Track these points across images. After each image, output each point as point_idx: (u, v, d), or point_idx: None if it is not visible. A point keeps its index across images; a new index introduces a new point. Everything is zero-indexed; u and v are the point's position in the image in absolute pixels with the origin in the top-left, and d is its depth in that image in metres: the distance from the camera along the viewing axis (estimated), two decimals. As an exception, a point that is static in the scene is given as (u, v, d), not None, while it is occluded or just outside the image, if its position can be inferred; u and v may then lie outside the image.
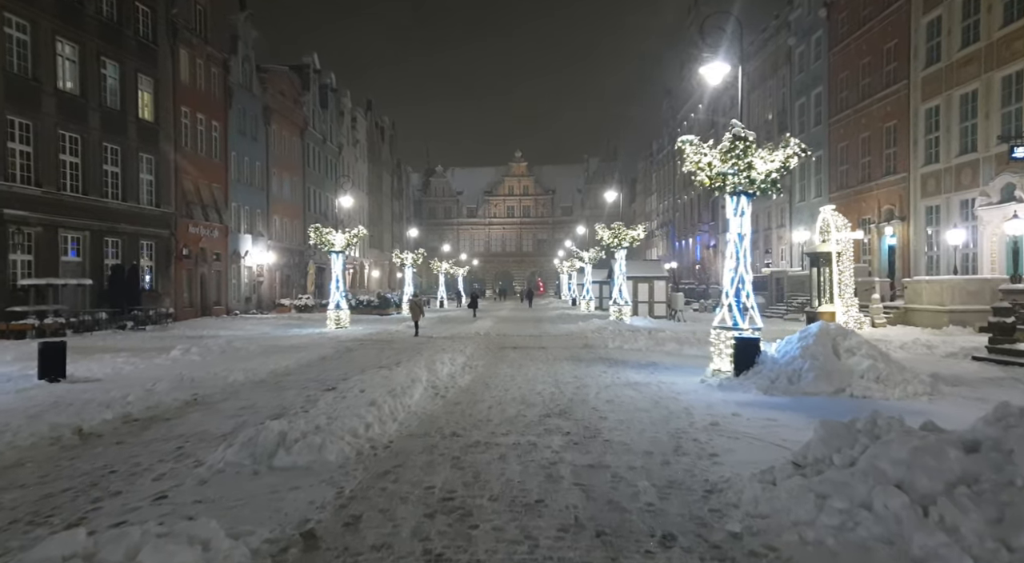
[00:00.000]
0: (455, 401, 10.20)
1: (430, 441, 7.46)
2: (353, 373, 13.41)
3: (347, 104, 67.12)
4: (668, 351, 17.82)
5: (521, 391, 11.11)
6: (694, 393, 10.86)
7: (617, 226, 29.20)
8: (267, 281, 46.81)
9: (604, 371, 13.76)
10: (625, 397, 10.46)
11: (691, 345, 18.76)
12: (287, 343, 21.81)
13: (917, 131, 29.98)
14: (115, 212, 29.76)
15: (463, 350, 17.42)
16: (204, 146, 38.19)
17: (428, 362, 14.34)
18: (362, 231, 29.43)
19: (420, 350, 17.84)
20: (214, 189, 39.20)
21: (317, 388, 11.65)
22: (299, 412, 8.92)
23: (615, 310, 29.51)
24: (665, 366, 14.65)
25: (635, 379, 12.55)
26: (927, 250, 29.67)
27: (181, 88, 35.41)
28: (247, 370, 13.60)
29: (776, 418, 8.67)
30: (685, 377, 12.80)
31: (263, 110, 45.84)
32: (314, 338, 23.85)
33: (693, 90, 65.46)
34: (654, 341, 19.69)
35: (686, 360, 15.89)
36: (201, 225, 37.32)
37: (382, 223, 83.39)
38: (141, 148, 31.91)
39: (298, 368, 14.69)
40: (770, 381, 10.96)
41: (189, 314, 35.82)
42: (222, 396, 10.83)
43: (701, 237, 63.65)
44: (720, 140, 12.62)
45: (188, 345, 17.92)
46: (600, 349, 18.61)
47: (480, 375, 13.18)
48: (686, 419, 8.66)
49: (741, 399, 10.20)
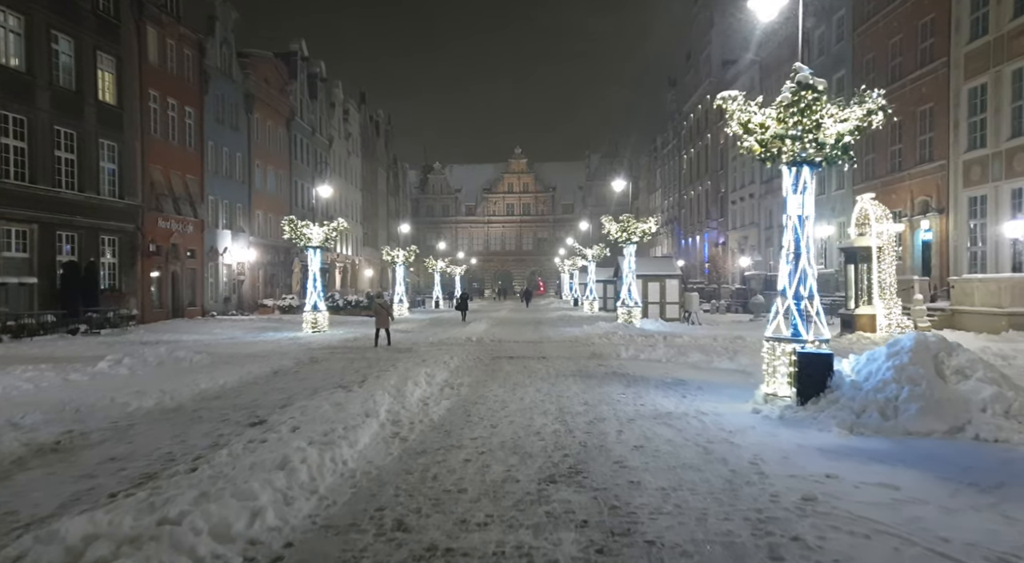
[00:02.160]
0: (418, 448, 7.23)
1: (354, 545, 4.48)
2: (300, 397, 10.45)
3: (338, 95, 64.13)
4: (694, 363, 14.85)
5: (514, 429, 8.14)
6: (752, 432, 7.90)
7: (626, 218, 26.23)
8: (249, 280, 43.85)
9: (622, 393, 10.79)
10: (659, 440, 7.50)
11: (719, 355, 15.79)
12: (248, 351, 18.89)
13: (958, 113, 26.99)
14: (70, 203, 26.80)
15: (447, 362, 14.46)
16: (176, 134, 35.22)
17: (400, 380, 11.39)
18: (342, 224, 26.48)
19: (396, 362, 14.88)
20: (188, 180, 36.24)
21: (240, 422, 8.69)
22: (179, 473, 5.98)
23: (623, 312, 26.56)
24: (696, 385, 11.68)
25: (665, 407, 9.58)
26: (970, 245, 26.68)
27: (149, 70, 32.44)
28: (168, 392, 10.65)
29: (897, 484, 5.71)
30: (729, 403, 9.85)
31: (244, 98, 42.86)
32: (282, 344, 20.92)
33: (700, 81, 62.48)
34: (674, 350, 16.72)
35: (720, 376, 12.93)
36: (173, 219, 34.36)
37: (377, 220, 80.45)
38: (102, 133, 28.95)
39: (236, 388, 11.72)
40: (854, 414, 8.00)
41: (158, 316, 32.88)
42: (101, 436, 7.87)
43: (709, 234, 60.65)
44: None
45: (122, 355, 14.97)
46: (611, 360, 15.65)
47: (462, 401, 10.21)
48: (761, 487, 5.69)
49: (823, 444, 7.24)
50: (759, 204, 49.26)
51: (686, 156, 70.10)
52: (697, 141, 65.03)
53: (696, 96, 64.36)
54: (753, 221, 50.41)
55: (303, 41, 53.93)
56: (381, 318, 20.22)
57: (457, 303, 40.56)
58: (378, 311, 20.55)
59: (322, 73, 58.96)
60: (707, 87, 60.44)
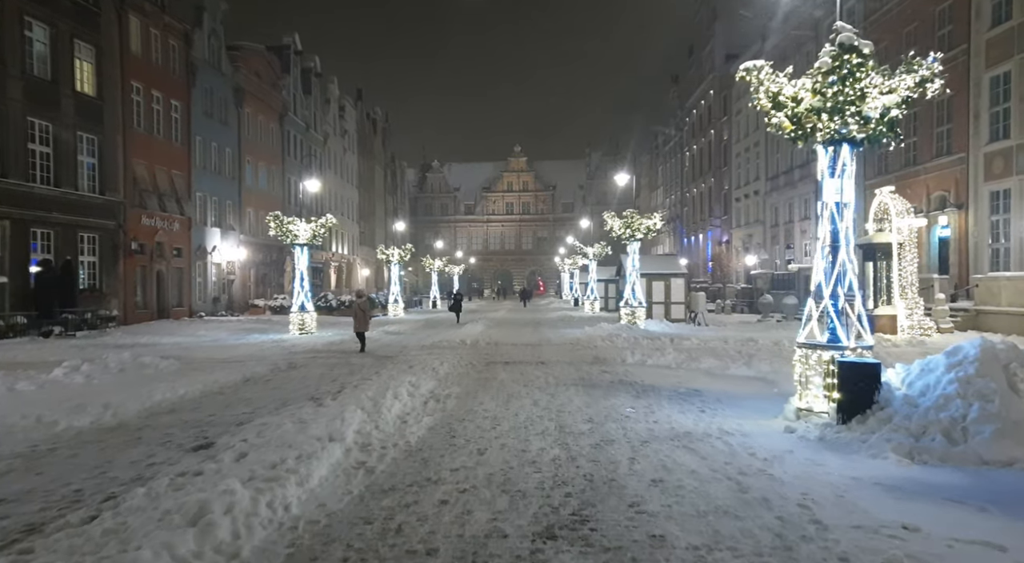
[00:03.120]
0: (386, 483, 5.89)
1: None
2: (264, 411, 9.14)
3: (334, 91, 62.77)
4: (707, 370, 13.51)
5: (505, 456, 6.80)
6: (791, 458, 6.57)
7: (630, 214, 24.87)
8: (239, 280, 42.50)
9: (632, 406, 9.46)
10: (681, 471, 6.17)
11: (734, 361, 14.46)
12: (225, 355, 17.57)
13: (979, 103, 25.65)
14: (45, 199, 25.46)
15: (436, 369, 13.14)
16: (162, 128, 33.89)
17: (380, 390, 10.07)
18: (330, 220, 25.13)
19: (380, 369, 13.56)
20: (174, 176, 34.90)
21: (183, 445, 7.37)
22: (69, 525, 4.65)
23: (626, 313, 25.22)
24: (714, 396, 10.35)
25: (682, 424, 8.25)
26: (991, 242, 25.34)
27: (131, 60, 31.10)
28: (113, 406, 9.33)
29: (1002, 542, 4.38)
30: (755, 419, 8.53)
31: (234, 91, 41.51)
32: (264, 348, 19.59)
33: (703, 76, 61.13)
34: (684, 354, 15.38)
35: (738, 385, 11.60)
36: (157, 216, 33.02)
37: (374, 219, 79.11)
38: (80, 126, 27.61)
39: (196, 400, 10.40)
40: (912, 437, 6.68)
41: (142, 317, 31.54)
42: (7, 466, 6.55)
43: (713, 232, 59.33)
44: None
45: (81, 361, 13.65)
46: (616, 366, 14.32)
47: (447, 417, 8.87)
48: (822, 544, 4.37)
49: (882, 475, 5.92)
50: (764, 201, 47.94)
51: (688, 153, 68.78)
52: (700, 138, 63.70)
53: (699, 92, 63.02)
54: (758, 219, 49.10)
55: (296, 35, 52.57)
56: (360, 320, 18.40)
57: (451, 304, 37.37)
58: (356, 313, 18.63)
59: (316, 68, 57.60)
60: (710, 82, 59.14)
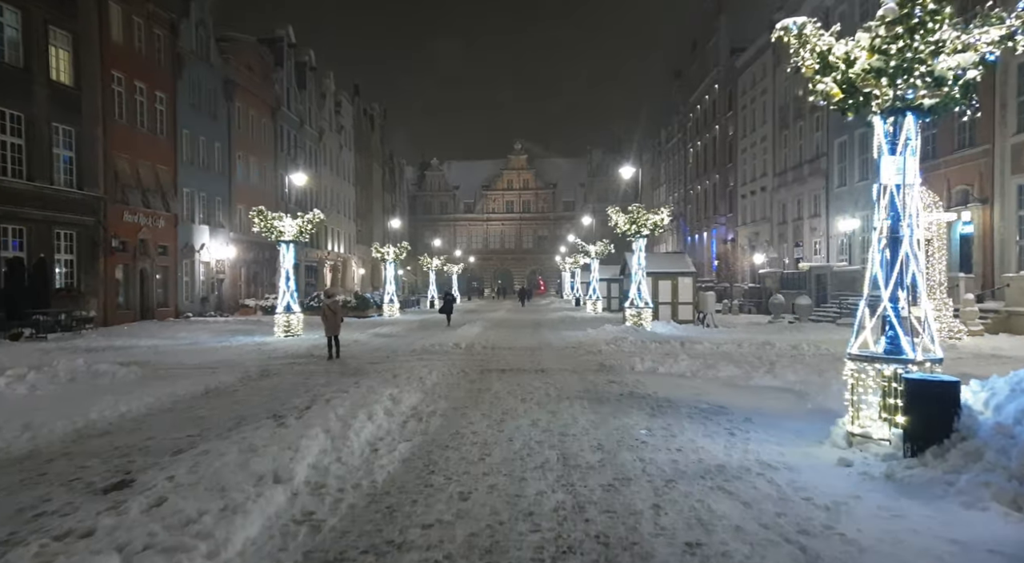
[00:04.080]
0: (332, 550, 4.41)
1: None
2: (212, 434, 7.71)
3: (329, 86, 61.32)
4: (727, 380, 12.06)
5: (494, 503, 5.33)
6: (860, 508, 5.12)
7: (636, 208, 23.41)
8: (229, 279, 41.06)
9: (648, 428, 8.01)
10: (722, 527, 4.72)
11: (754, 368, 13.02)
12: (198, 360, 16.15)
13: (1006, 91, 24.18)
14: (16, 193, 24.02)
15: (424, 378, 11.70)
16: (146, 120, 32.44)
17: (353, 407, 8.65)
18: (317, 216, 23.69)
19: (361, 378, 12.12)
20: (159, 171, 33.46)
21: (92, 483, 5.93)
22: None
23: (632, 314, 23.75)
24: (742, 413, 8.90)
25: (712, 454, 6.80)
26: (1019, 238, 23.89)
27: (112, 49, 29.65)
28: (35, 427, 7.90)
29: None
30: (798, 444, 7.10)
31: (224, 84, 40.05)
32: (244, 351, 18.16)
33: (707, 71, 59.63)
34: (699, 361, 13.93)
35: (766, 398, 10.16)
36: (140, 212, 31.59)
37: (372, 217, 77.65)
38: (55, 117, 26.16)
39: (139, 418, 8.96)
40: (1016, 480, 5.22)
41: (124, 318, 30.11)
42: None
43: (717, 230, 57.87)
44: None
45: (27, 369, 12.21)
46: (625, 374, 12.87)
47: (428, 442, 7.41)
48: None
49: (993, 538, 4.47)
50: (771, 198, 46.47)
51: (692, 149, 67.32)
52: (704, 133, 62.22)
53: (703, 87, 61.56)
54: (765, 216, 47.63)
55: (290, 27, 51.14)
56: (330, 324, 16.27)
57: (441, 305, 32.68)
58: (327, 315, 16.41)
59: (311, 62, 56.15)
60: (715, 77, 57.68)
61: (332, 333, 16.18)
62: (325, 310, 16.63)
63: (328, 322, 16.28)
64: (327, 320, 16.32)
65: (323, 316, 16.66)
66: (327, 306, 16.71)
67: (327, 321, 16.32)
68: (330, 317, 16.32)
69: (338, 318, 16.46)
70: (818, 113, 39.39)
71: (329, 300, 17.49)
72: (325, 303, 17.30)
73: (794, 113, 42.90)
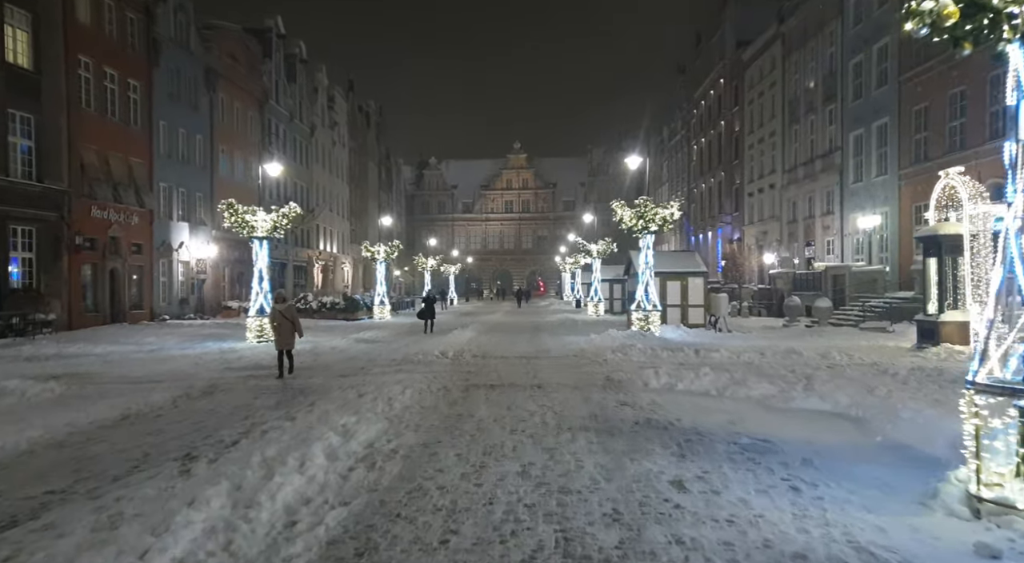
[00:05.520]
0: None
1: None
2: (80, 492, 5.63)
3: (322, 80, 59.25)
4: (762, 399, 9.96)
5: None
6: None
7: (643, 202, 21.29)
8: (212, 279, 38.95)
9: (676, 480, 5.91)
10: None
11: (790, 384, 10.92)
12: (144, 372, 14.08)
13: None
14: (-35, 185, 21.98)
15: (393, 400, 9.60)
16: (117, 109, 30.34)
17: (292, 442, 6.58)
18: (294, 210, 21.62)
19: (319, 398, 10.04)
20: (133, 164, 31.34)
21: None
22: None
23: (639, 317, 21.64)
24: (797, 451, 6.81)
25: (782, 529, 4.70)
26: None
27: (78, 31, 27.54)
28: None
29: None
30: (895, 510, 5.03)
31: (206, 74, 37.94)
32: (202, 361, 16.07)
33: (713, 64, 57.53)
34: (723, 375, 11.80)
35: (818, 428, 8.07)
36: (111, 208, 29.48)
37: (367, 217, 75.56)
38: (11, 102, 24.11)
39: (4, 461, 6.85)
40: None
41: (92, 321, 27.99)
42: None
43: (723, 230, 55.78)
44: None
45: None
46: (638, 392, 10.77)
47: (373, 507, 5.25)
48: None
49: None
50: (780, 195, 44.39)
51: (696, 146, 65.24)
52: (709, 130, 60.13)
53: (708, 81, 59.47)
54: (773, 214, 45.54)
55: (279, 17, 49.03)
56: (282, 335, 13.22)
57: (420, 309, 28.02)
58: (280, 322, 13.30)
59: (302, 54, 54.07)
60: (720, 70, 55.60)
61: (284, 347, 13.24)
62: (276, 317, 13.51)
63: (280, 334, 13.27)
64: (280, 332, 13.28)
65: (272, 326, 13.67)
66: (279, 313, 13.48)
67: (280, 333, 13.30)
68: (282, 327, 13.24)
69: (293, 328, 13.35)
70: (831, 106, 37.37)
71: (281, 306, 13.86)
72: (276, 309, 13.82)
73: (805, 107, 40.82)
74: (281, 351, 13.22)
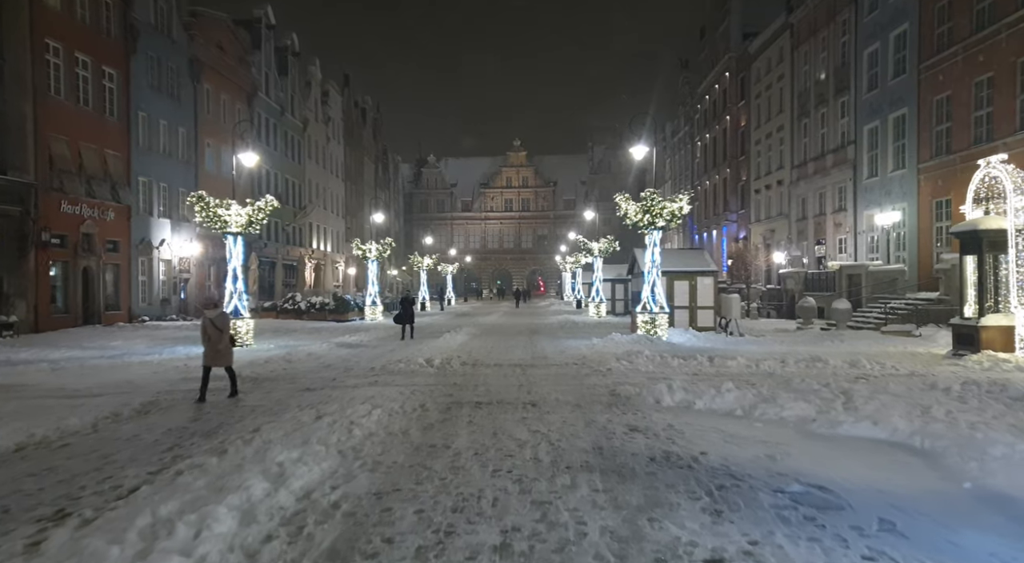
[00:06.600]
0: None
1: None
2: None
3: (315, 74, 57.53)
4: (799, 422, 8.27)
5: None
6: None
7: (649, 195, 19.57)
8: (196, 278, 37.26)
9: (715, 562, 4.22)
10: None
11: (828, 402, 9.22)
12: (94, 381, 12.53)
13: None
14: (-84, 176, 20.30)
15: (355, 425, 7.91)
16: (91, 98, 28.64)
17: (189, 503, 4.86)
18: (270, 203, 19.95)
19: (265, 422, 8.36)
20: (108, 157, 29.66)
21: None
22: None
23: (645, 320, 19.93)
24: (869, 506, 5.14)
25: None
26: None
27: (46, 14, 25.85)
28: None
29: None
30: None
31: (190, 63, 36.25)
32: (156, 370, 14.39)
33: (718, 58, 55.75)
34: (749, 391, 10.09)
35: (883, 467, 6.39)
36: (83, 202, 27.81)
37: (363, 215, 73.86)
38: (-30, 89, 22.46)
39: None
40: None
41: (62, 323, 26.32)
42: None
43: (728, 228, 54.09)
44: None
45: None
46: (649, 412, 9.08)
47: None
48: None
49: None
50: (789, 192, 42.63)
51: (700, 143, 63.48)
52: (713, 125, 58.36)
53: (712, 75, 57.70)
54: (781, 212, 43.80)
55: (269, 7, 47.29)
56: (213, 350, 10.77)
57: (396, 313, 24.30)
58: (211, 334, 10.78)
59: (294, 46, 52.37)
60: (726, 64, 53.83)
61: (214, 363, 10.79)
62: (205, 327, 10.93)
63: (210, 349, 10.79)
64: (210, 343, 10.80)
65: (203, 337, 10.99)
66: (209, 322, 10.91)
67: (209, 347, 10.82)
68: (213, 338, 10.76)
69: (225, 339, 10.87)
70: (844, 98, 35.64)
71: (212, 313, 11.18)
72: (206, 316, 11.14)
73: (815, 99, 39.09)
74: (208, 367, 10.77)
